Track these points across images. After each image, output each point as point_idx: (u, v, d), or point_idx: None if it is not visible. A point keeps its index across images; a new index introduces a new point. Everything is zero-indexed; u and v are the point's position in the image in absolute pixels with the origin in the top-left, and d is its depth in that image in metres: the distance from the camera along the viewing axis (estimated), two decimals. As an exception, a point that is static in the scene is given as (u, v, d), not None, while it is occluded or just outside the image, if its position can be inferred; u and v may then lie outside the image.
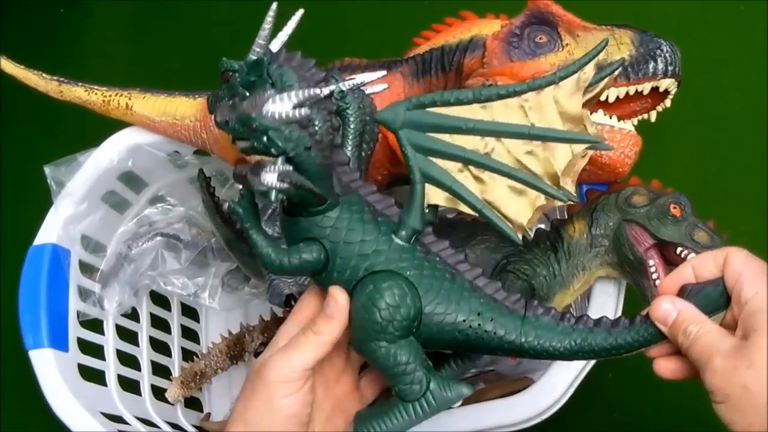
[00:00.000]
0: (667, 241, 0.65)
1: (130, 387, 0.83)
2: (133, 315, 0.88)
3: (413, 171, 0.52)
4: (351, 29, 1.13)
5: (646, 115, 0.68)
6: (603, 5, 0.83)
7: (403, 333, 0.51)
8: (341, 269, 0.51)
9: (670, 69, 0.64)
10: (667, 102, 0.67)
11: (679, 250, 0.65)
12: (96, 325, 0.81)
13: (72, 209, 0.79)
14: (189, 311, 0.98)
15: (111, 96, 0.80)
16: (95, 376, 0.78)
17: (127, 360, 0.84)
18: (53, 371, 0.72)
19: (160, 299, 0.93)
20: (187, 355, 0.94)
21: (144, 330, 0.88)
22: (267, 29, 0.49)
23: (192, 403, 0.93)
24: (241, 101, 0.47)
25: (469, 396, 0.53)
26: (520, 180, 0.51)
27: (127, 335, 0.85)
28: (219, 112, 0.48)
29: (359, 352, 0.53)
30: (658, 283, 0.65)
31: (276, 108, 0.46)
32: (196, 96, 0.78)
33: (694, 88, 0.74)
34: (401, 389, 0.51)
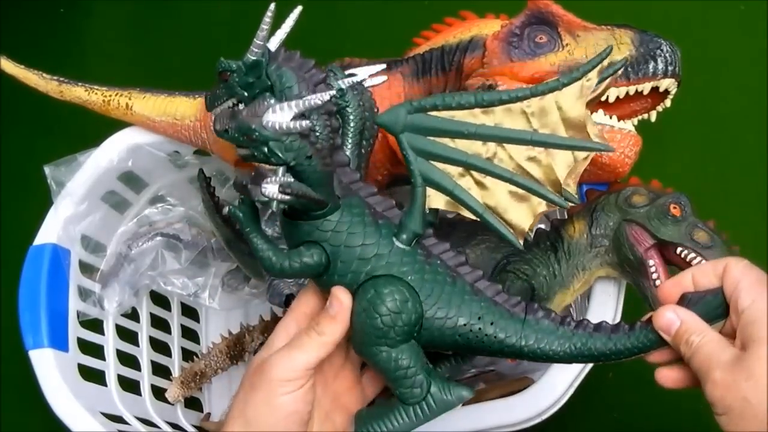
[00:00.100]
0: (667, 241, 0.65)
1: (130, 387, 0.82)
2: (133, 315, 0.87)
3: (414, 175, 0.51)
4: (351, 29, 1.13)
5: (646, 115, 0.68)
6: (603, 5, 0.83)
7: (404, 338, 0.51)
8: (342, 273, 0.51)
9: (670, 69, 0.64)
10: (667, 102, 0.67)
11: (679, 250, 0.65)
12: (96, 325, 0.81)
13: (72, 209, 0.79)
14: (189, 311, 0.98)
15: (111, 96, 0.80)
16: (95, 376, 0.78)
17: (127, 360, 0.84)
18: (53, 371, 0.72)
19: (160, 299, 0.92)
20: (187, 355, 0.94)
21: (144, 330, 0.88)
22: (265, 29, 0.48)
23: (192, 403, 0.92)
24: (241, 109, 0.47)
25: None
26: (522, 186, 0.51)
27: (127, 335, 0.85)
28: (218, 120, 0.47)
29: (360, 354, 0.53)
30: (658, 283, 0.65)
31: (276, 118, 0.45)
32: (196, 96, 0.78)
33: (694, 88, 0.74)
34: (402, 393, 0.52)
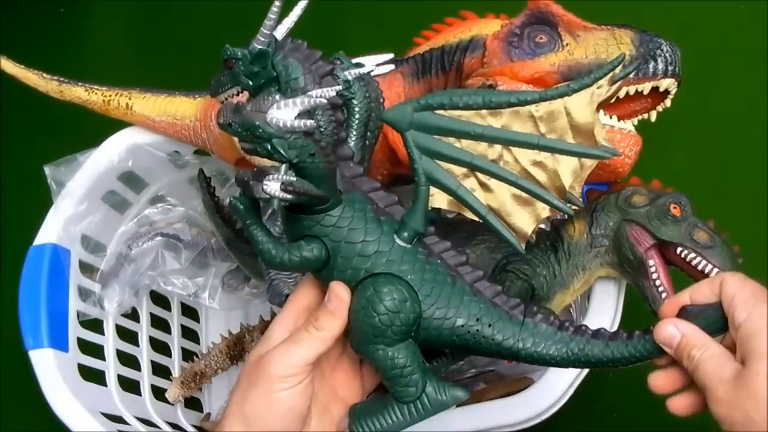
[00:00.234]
0: (667, 241, 0.65)
1: (130, 387, 0.82)
2: (133, 315, 0.87)
3: (418, 173, 0.51)
4: (351, 29, 1.13)
5: (646, 115, 0.68)
6: (603, 5, 0.83)
7: (402, 337, 0.51)
8: (342, 268, 0.51)
9: (670, 69, 0.64)
10: (667, 102, 0.67)
11: (679, 250, 0.65)
12: (96, 325, 0.81)
13: (72, 209, 0.79)
14: (189, 311, 0.97)
15: (111, 96, 0.80)
16: (95, 376, 0.78)
17: (127, 360, 0.84)
18: (53, 371, 0.72)
19: (160, 299, 0.92)
20: (187, 355, 0.94)
21: (144, 330, 0.88)
22: (273, 18, 0.48)
23: (192, 403, 0.92)
24: (245, 104, 0.46)
25: (470, 396, 0.53)
26: (526, 190, 0.51)
27: (127, 335, 0.85)
28: (222, 113, 0.47)
29: (356, 351, 0.53)
30: (658, 283, 0.65)
31: (280, 115, 0.45)
32: (196, 96, 0.78)
33: (694, 88, 0.74)
34: (397, 391, 0.51)
